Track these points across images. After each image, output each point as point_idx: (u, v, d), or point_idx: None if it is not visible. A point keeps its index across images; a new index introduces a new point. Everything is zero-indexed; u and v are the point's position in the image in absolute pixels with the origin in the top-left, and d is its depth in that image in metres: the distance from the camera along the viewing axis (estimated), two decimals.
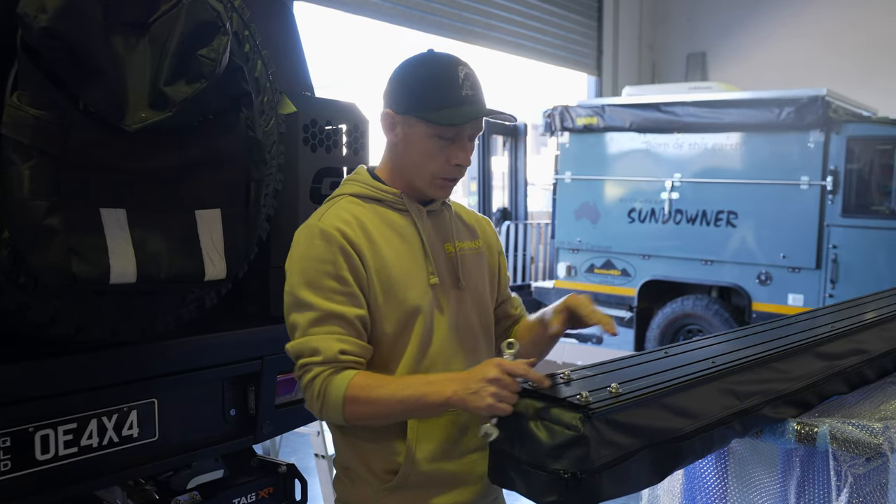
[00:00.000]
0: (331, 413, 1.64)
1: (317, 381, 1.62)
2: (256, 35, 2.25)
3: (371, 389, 1.61)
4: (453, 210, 1.93)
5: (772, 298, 6.97)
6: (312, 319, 1.64)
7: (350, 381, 1.61)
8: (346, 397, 1.60)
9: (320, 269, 1.65)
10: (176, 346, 2.21)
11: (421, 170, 1.74)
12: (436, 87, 1.69)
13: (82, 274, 1.72)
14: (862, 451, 1.95)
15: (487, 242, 1.99)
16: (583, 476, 1.49)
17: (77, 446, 2.01)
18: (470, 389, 1.54)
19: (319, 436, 4.26)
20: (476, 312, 1.87)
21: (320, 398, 1.62)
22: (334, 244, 1.66)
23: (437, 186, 1.76)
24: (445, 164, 1.72)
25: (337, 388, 1.61)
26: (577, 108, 8.01)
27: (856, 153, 6.60)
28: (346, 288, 1.66)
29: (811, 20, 11.51)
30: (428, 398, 1.59)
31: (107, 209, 1.77)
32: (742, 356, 2.04)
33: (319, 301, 1.64)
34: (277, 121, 2.33)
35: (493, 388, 1.53)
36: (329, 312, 1.64)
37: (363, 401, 1.61)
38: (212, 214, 1.95)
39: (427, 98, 1.68)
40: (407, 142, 1.74)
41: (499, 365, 1.55)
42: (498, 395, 1.53)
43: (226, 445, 2.40)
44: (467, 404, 1.55)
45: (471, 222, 1.97)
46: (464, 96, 1.68)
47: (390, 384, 1.63)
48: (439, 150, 1.71)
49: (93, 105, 1.73)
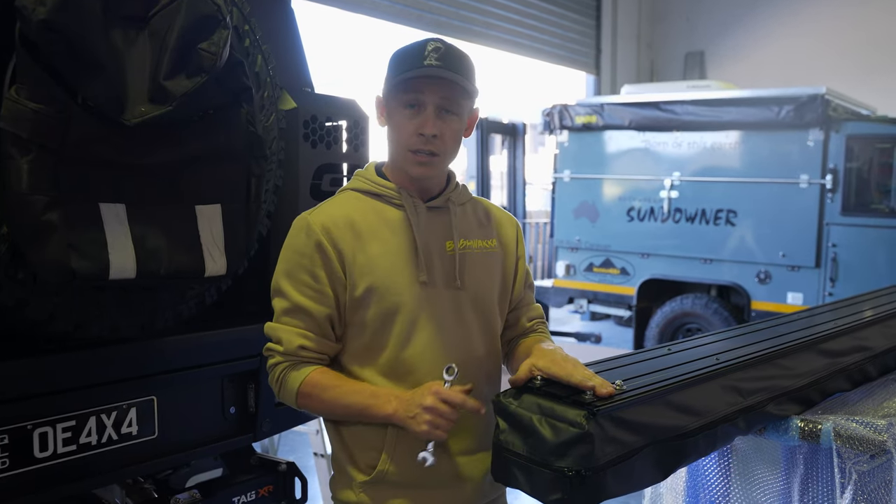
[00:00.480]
0: (286, 400, 1.76)
1: (277, 369, 1.75)
2: (256, 30, 2.23)
3: (322, 390, 1.70)
4: (474, 206, 1.89)
5: (771, 297, 6.97)
6: (284, 308, 1.73)
7: (305, 378, 1.70)
8: (298, 392, 1.71)
9: (298, 261, 1.72)
10: (175, 343, 2.19)
11: (397, 146, 1.74)
12: (402, 59, 1.70)
13: (81, 269, 1.70)
14: (866, 448, 1.95)
15: (505, 243, 1.92)
16: (587, 474, 1.48)
17: (76, 444, 1.99)
18: (409, 413, 1.62)
19: (318, 434, 4.24)
20: (475, 314, 1.82)
21: (278, 384, 1.76)
22: (312, 240, 1.71)
23: (412, 162, 1.73)
24: (412, 135, 1.70)
25: (292, 382, 1.71)
26: (576, 106, 8.00)
27: (855, 152, 6.60)
28: (318, 285, 1.71)
29: (809, 19, 11.51)
30: (371, 410, 1.68)
31: (106, 204, 1.76)
32: (745, 353, 2.03)
33: (292, 291, 1.72)
34: (278, 116, 2.31)
35: (427, 416, 1.59)
36: (298, 305, 1.71)
37: (314, 398, 1.71)
38: (212, 210, 1.93)
39: (392, 72, 1.71)
40: (388, 122, 1.76)
41: (435, 393, 1.60)
42: (433, 423, 1.59)
43: (225, 443, 2.38)
44: (406, 426, 1.63)
45: (489, 222, 1.91)
46: (425, 65, 1.66)
47: (340, 387, 1.71)
48: (407, 121, 1.70)
49: (92, 99, 1.71)
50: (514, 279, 1.94)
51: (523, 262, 1.97)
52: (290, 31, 2.63)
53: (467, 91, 1.72)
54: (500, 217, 1.95)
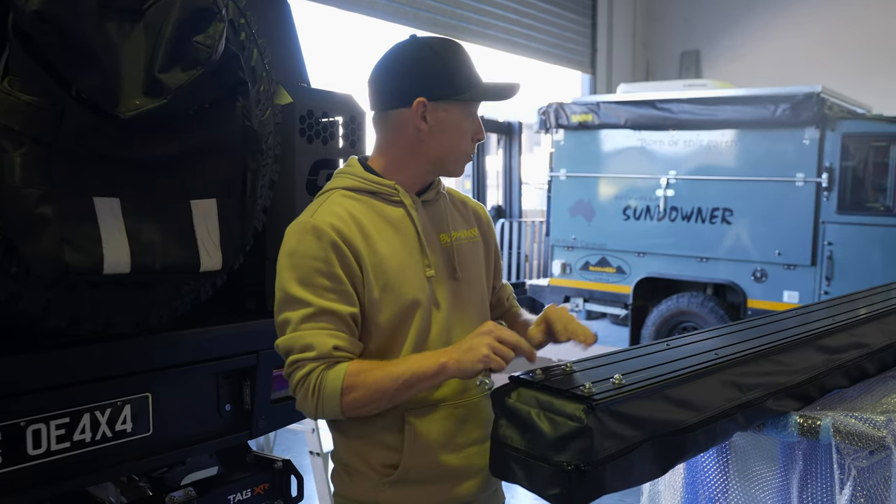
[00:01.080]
0: (327, 407, 1.61)
1: (312, 377, 1.60)
2: (252, 24, 2.22)
3: (366, 374, 1.59)
4: (451, 197, 1.91)
5: (767, 296, 6.96)
6: (304, 315, 1.61)
7: (346, 371, 1.59)
8: (343, 387, 1.58)
9: (312, 266, 1.62)
10: (171, 340, 2.18)
11: (454, 151, 1.77)
12: (461, 68, 1.72)
13: (75, 264, 1.69)
14: (865, 444, 1.94)
15: (482, 229, 1.96)
16: (586, 468, 1.46)
17: (70, 441, 1.98)
18: (463, 348, 1.58)
19: (314, 433, 4.23)
20: (474, 303, 1.85)
21: (316, 393, 1.60)
22: (326, 240, 1.63)
23: (462, 165, 1.80)
24: (470, 141, 1.77)
25: (333, 381, 1.59)
26: (572, 105, 7.99)
27: (851, 150, 6.60)
28: (339, 286, 1.63)
29: (805, 19, 11.52)
30: (422, 369, 1.59)
31: (100, 198, 1.74)
32: (744, 348, 2.02)
33: (312, 297, 1.61)
34: (274, 111, 2.30)
35: (487, 338, 1.57)
36: (322, 309, 1.61)
37: (360, 386, 1.59)
38: (207, 204, 1.92)
39: (462, 80, 1.71)
40: (441, 128, 1.72)
41: (494, 324, 1.61)
42: (493, 346, 1.56)
43: (221, 441, 2.37)
44: (462, 364, 1.57)
45: (466, 212, 1.94)
46: (480, 73, 1.75)
47: (384, 366, 1.62)
48: (470, 128, 1.76)
49: (86, 92, 1.70)
50: (494, 263, 2.00)
51: (496, 245, 2.03)
52: (286, 27, 2.62)
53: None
54: (472, 205, 1.99)
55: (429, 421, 1.72)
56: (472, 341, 1.58)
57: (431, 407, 1.73)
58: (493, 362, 1.55)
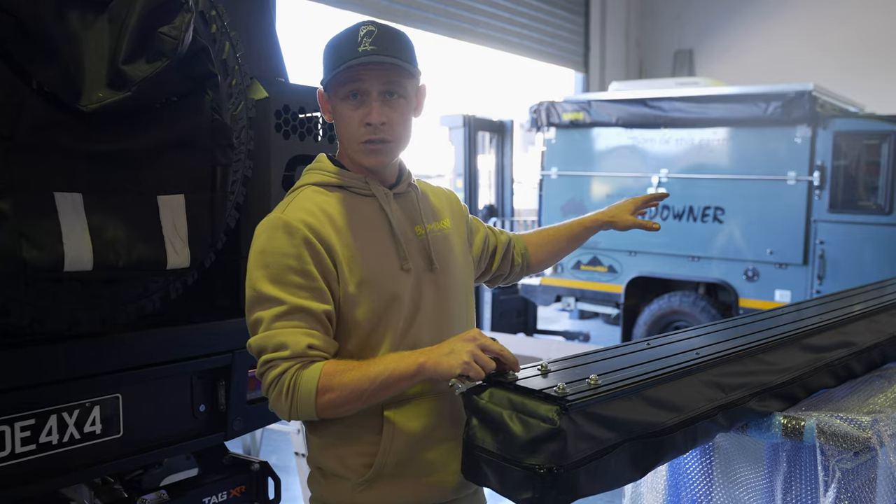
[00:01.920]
0: (302, 408, 1.56)
1: (286, 377, 1.55)
2: (224, 16, 2.17)
3: (342, 374, 1.54)
4: (419, 190, 1.86)
5: (759, 294, 6.94)
6: (277, 314, 1.57)
7: (322, 371, 1.54)
8: (319, 388, 1.53)
9: (284, 263, 1.58)
10: (141, 339, 2.13)
11: (348, 139, 1.69)
12: (337, 49, 1.63)
13: (34, 260, 1.64)
14: (850, 446, 1.90)
15: (453, 212, 1.92)
16: (559, 471, 1.43)
17: (35, 443, 1.92)
18: (443, 351, 1.53)
19: (300, 434, 4.19)
20: (454, 294, 1.81)
21: (290, 393, 1.55)
22: (298, 237, 1.59)
23: (364, 153, 1.68)
24: (359, 126, 1.64)
25: (308, 381, 1.54)
26: (564, 103, 7.96)
27: (843, 148, 6.57)
28: (312, 283, 1.59)
29: (798, 18, 11.52)
30: (399, 369, 1.54)
31: (61, 193, 1.69)
32: (727, 347, 1.98)
33: (284, 295, 1.57)
34: (247, 105, 2.24)
35: (470, 345, 1.52)
36: (295, 307, 1.57)
37: (336, 387, 1.54)
38: (175, 200, 1.87)
39: (328, 65, 1.64)
40: (335, 116, 1.69)
41: (478, 335, 1.56)
42: (475, 354, 1.51)
43: (195, 442, 2.32)
44: (440, 366, 1.52)
45: (436, 201, 1.90)
46: (360, 52, 1.60)
47: (360, 366, 1.56)
48: (352, 113, 1.64)
49: (46, 84, 1.66)
50: (476, 238, 2.00)
51: (473, 218, 2.02)
52: (264, 20, 2.57)
53: (409, 71, 1.66)
54: (440, 193, 1.95)
55: (407, 415, 1.68)
56: (454, 345, 1.53)
57: (410, 400, 1.68)
58: (472, 370, 1.51)
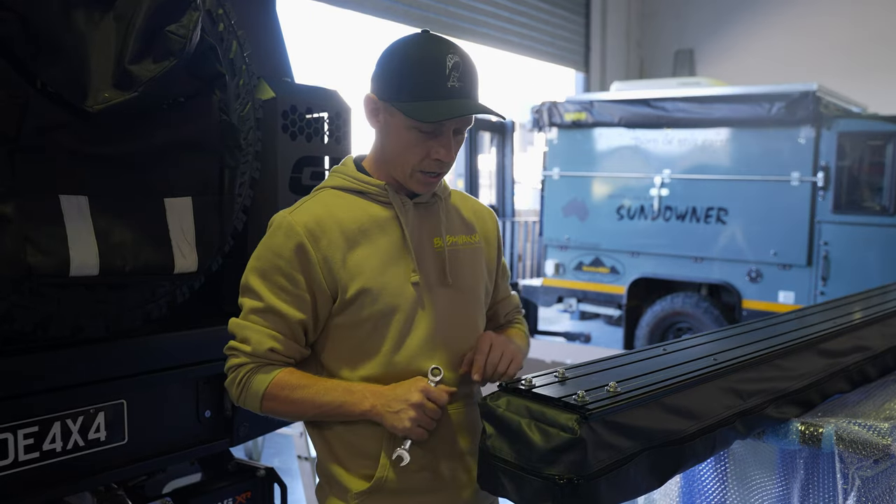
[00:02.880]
0: (248, 403, 1.65)
1: (241, 371, 1.63)
2: (231, 14, 2.13)
3: (292, 390, 1.61)
4: (451, 201, 1.81)
5: (762, 296, 6.91)
6: (254, 308, 1.62)
7: (272, 380, 1.60)
8: (265, 393, 1.61)
9: (274, 262, 1.61)
10: (147, 344, 2.09)
11: (400, 161, 1.63)
12: (419, 75, 1.54)
13: (39, 266, 1.60)
14: (869, 453, 1.87)
15: (486, 236, 1.86)
16: (579, 482, 1.40)
17: (39, 451, 1.88)
18: (390, 408, 1.57)
19: (302, 437, 4.16)
20: (467, 312, 1.76)
21: (240, 387, 1.63)
22: (293, 241, 1.59)
23: (417, 181, 1.64)
24: (425, 157, 1.60)
25: (258, 384, 1.61)
26: (566, 103, 7.93)
27: (847, 149, 6.55)
28: (295, 290, 1.61)
29: (798, 17, 11.49)
30: (345, 408, 1.60)
31: (67, 196, 1.66)
32: (743, 353, 1.95)
33: (265, 292, 1.61)
34: (254, 106, 2.20)
35: (413, 412, 1.55)
36: (270, 307, 1.61)
37: (282, 399, 1.61)
38: (182, 203, 1.83)
39: (408, 87, 1.55)
40: (387, 131, 1.63)
41: (423, 390, 1.57)
42: (417, 421, 1.56)
43: (200, 449, 2.28)
44: (384, 421, 1.58)
45: (469, 215, 1.84)
46: (449, 88, 1.54)
47: (311, 387, 1.62)
48: (419, 142, 1.59)
49: (51, 84, 1.62)
50: (497, 273, 1.90)
51: (502, 255, 1.94)
52: (269, 19, 2.53)
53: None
54: (479, 210, 1.89)
55: None
56: (399, 405, 1.56)
57: None
58: (414, 435, 1.57)
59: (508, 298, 1.96)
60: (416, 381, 1.59)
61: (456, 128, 1.61)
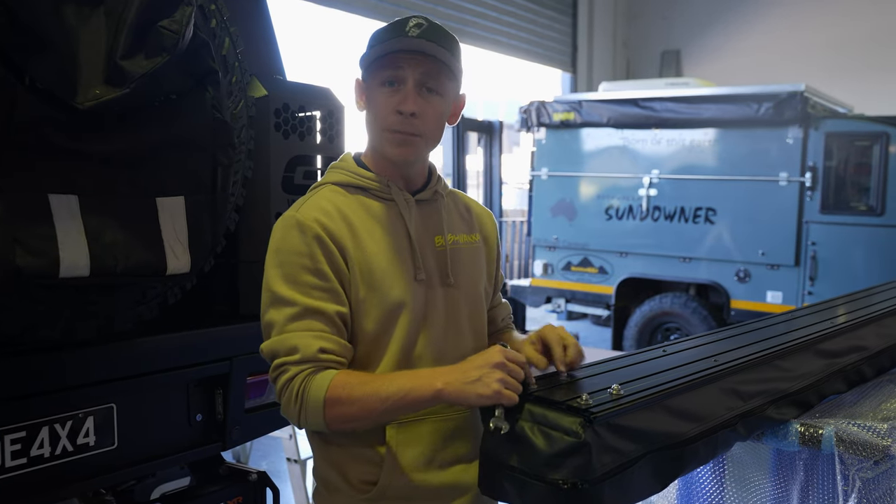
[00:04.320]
0: (311, 417, 1.49)
1: (295, 382, 1.49)
2: (224, 10, 2.09)
3: (353, 388, 1.47)
4: (454, 199, 1.79)
5: (750, 296, 6.93)
6: (290, 315, 1.51)
7: (331, 381, 1.47)
8: (327, 399, 1.46)
9: (297, 262, 1.53)
10: (137, 347, 2.04)
11: (375, 127, 1.61)
12: (382, 33, 1.59)
13: (28, 267, 1.56)
14: (870, 454, 1.86)
15: (486, 238, 1.84)
16: (584, 486, 1.38)
17: (27, 457, 1.84)
18: (468, 378, 1.42)
19: (292, 439, 4.12)
20: (467, 312, 1.72)
21: (299, 401, 1.48)
22: (310, 235, 1.53)
23: (388, 142, 1.60)
24: (390, 113, 1.57)
25: (317, 389, 1.47)
26: (554, 103, 7.92)
27: (834, 149, 6.58)
28: (326, 283, 1.53)
29: (784, 19, 11.55)
30: (414, 392, 1.45)
31: (56, 195, 1.61)
32: (743, 354, 1.94)
33: (297, 296, 1.51)
34: (247, 103, 2.17)
35: (498, 373, 1.41)
36: (308, 308, 1.51)
37: (345, 400, 1.46)
38: (174, 202, 1.79)
39: (371, 48, 1.59)
40: (368, 105, 1.62)
41: (502, 351, 1.44)
42: (504, 381, 1.41)
43: (192, 453, 2.24)
44: (464, 394, 1.42)
45: (470, 216, 1.82)
46: (406, 33, 1.55)
47: (373, 381, 1.50)
48: (385, 98, 1.57)
49: (40, 80, 1.58)
50: (496, 276, 1.87)
51: (500, 259, 1.91)
52: (260, 16, 2.49)
53: (452, 70, 1.60)
54: (479, 211, 1.86)
55: (412, 435, 1.62)
56: (480, 371, 1.42)
57: (416, 421, 1.61)
58: (505, 398, 1.41)
59: (502, 304, 1.94)
60: (492, 347, 1.48)
61: (420, 80, 1.57)
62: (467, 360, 1.47)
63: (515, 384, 1.43)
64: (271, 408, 2.41)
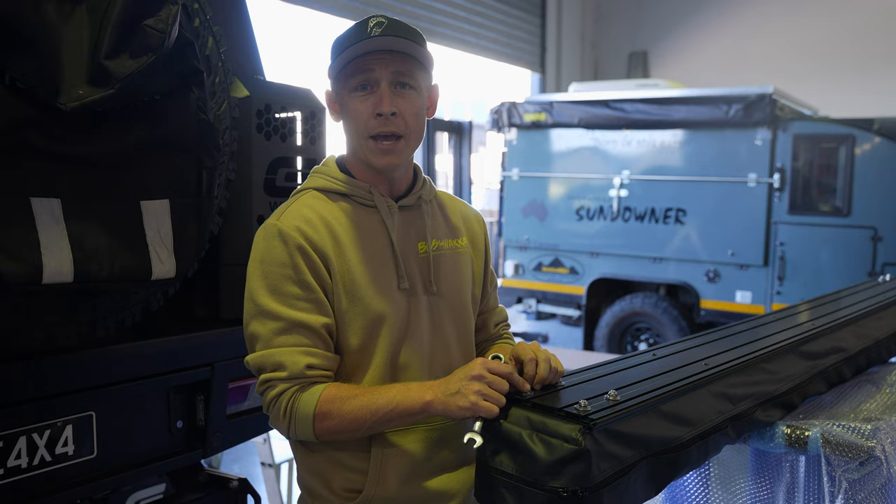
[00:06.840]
0: (301, 431, 1.51)
1: (283, 398, 1.50)
2: (207, 9, 2.04)
3: (342, 402, 1.48)
4: (438, 204, 1.76)
5: (720, 296, 7.00)
6: (276, 330, 1.50)
7: (320, 397, 1.48)
8: (316, 414, 1.48)
9: (281, 273, 1.51)
10: (116, 353, 1.99)
11: (356, 137, 1.58)
12: (344, 40, 1.56)
13: (10, 272, 1.51)
14: (855, 455, 1.88)
15: (473, 241, 1.80)
16: (584, 494, 1.36)
17: (3, 468, 1.78)
18: (450, 390, 1.43)
19: (266, 443, 4.06)
20: (451, 321, 1.70)
21: (288, 415, 1.50)
22: (292, 245, 1.51)
23: (371, 151, 1.57)
24: (369, 117, 1.54)
25: (306, 405, 1.48)
26: (525, 104, 7.92)
27: (802, 151, 6.67)
28: (310, 294, 1.51)
29: (751, 22, 11.68)
30: (403, 405, 1.46)
31: (39, 199, 1.57)
32: (731, 357, 1.95)
33: (282, 309, 1.50)
34: (230, 104, 2.12)
35: (476, 384, 1.42)
36: (293, 322, 1.50)
37: (335, 415, 1.48)
38: (159, 206, 1.75)
39: (335, 53, 1.56)
40: (344, 114, 1.59)
41: (483, 363, 1.45)
42: (482, 393, 1.41)
43: (172, 461, 2.19)
44: (448, 407, 1.43)
45: (455, 218, 1.78)
46: (368, 33, 1.53)
47: (363, 394, 1.49)
48: (360, 104, 1.55)
49: (22, 80, 1.53)
50: (485, 280, 1.84)
51: (490, 262, 1.87)
52: (240, 15, 2.44)
53: (422, 63, 1.58)
54: (467, 213, 1.83)
55: (398, 445, 1.60)
56: (459, 383, 1.43)
57: (402, 430, 1.59)
58: (482, 409, 1.41)
59: (497, 309, 1.90)
60: (472, 361, 1.48)
61: (392, 79, 1.55)
62: (453, 373, 1.47)
63: (496, 396, 1.42)
64: (253, 413, 2.37)
